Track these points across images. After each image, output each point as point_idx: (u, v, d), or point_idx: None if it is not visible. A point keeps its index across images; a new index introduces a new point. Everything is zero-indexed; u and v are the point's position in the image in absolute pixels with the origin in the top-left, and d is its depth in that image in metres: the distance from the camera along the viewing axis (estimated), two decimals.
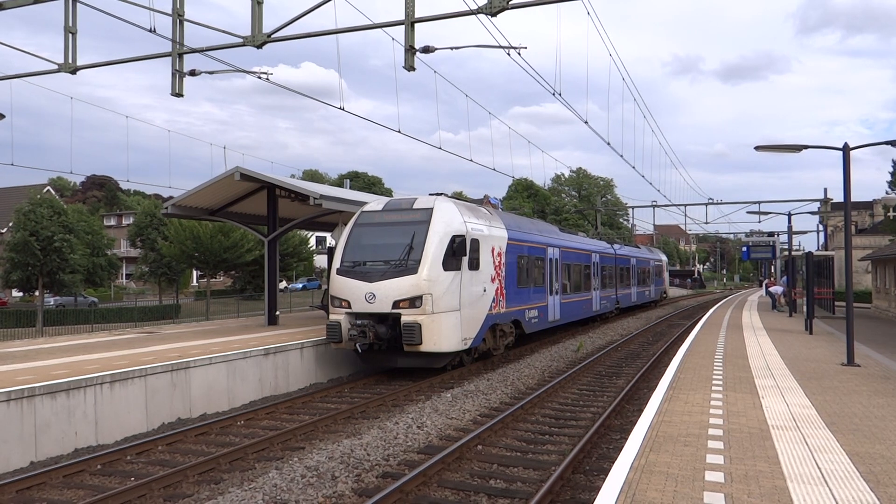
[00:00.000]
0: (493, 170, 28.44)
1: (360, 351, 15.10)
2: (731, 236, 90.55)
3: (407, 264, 14.97)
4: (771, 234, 57.99)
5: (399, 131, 16.78)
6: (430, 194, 17.09)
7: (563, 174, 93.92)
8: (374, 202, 17.25)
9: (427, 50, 11.90)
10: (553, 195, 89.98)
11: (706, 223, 50.35)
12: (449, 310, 15.06)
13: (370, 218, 16.43)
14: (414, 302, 14.69)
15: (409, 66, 11.67)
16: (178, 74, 12.92)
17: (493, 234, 17.62)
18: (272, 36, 12.23)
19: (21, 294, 52.51)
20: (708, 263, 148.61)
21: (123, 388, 11.51)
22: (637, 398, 13.82)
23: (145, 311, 43.33)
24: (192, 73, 13.07)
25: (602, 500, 5.50)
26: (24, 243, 39.13)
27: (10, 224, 45.41)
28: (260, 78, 13.09)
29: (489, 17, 11.22)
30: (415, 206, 16.13)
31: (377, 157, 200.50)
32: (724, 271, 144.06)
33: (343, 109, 14.79)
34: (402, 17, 11.72)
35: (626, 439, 7.71)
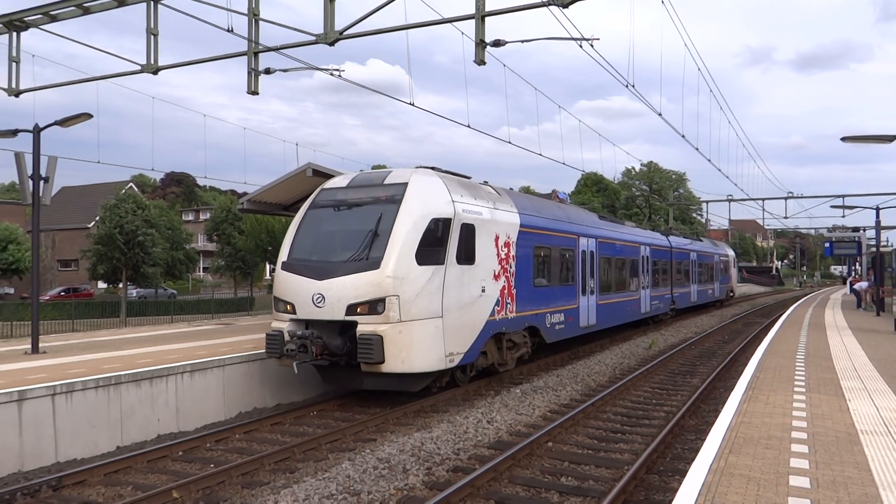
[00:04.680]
0: (563, 164, 27.94)
1: (296, 371, 11.99)
2: (812, 232, 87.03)
3: (368, 256, 11.55)
4: (856, 230, 55.38)
5: (468, 126, 16.75)
6: (419, 167, 13.67)
7: (633, 168, 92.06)
8: (341, 177, 13.63)
9: (497, 44, 11.81)
10: (623, 189, 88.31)
11: (785, 218, 48.49)
12: (425, 316, 11.60)
13: (331, 196, 13.00)
14: (375, 306, 11.25)
15: (480, 61, 11.62)
16: (253, 73, 13.24)
17: (497, 218, 14.02)
18: (344, 33, 12.38)
19: (106, 286, 55.07)
20: (786, 260, 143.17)
21: (203, 377, 11.91)
22: (713, 398, 13.43)
23: (221, 303, 44.84)
24: (267, 71, 13.36)
25: (680, 503, 5.35)
26: (109, 237, 40.93)
27: (97, 219, 47.62)
28: (332, 75, 13.28)
29: (561, 8, 11.05)
30: (387, 181, 12.60)
31: (443, 152, 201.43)
32: (804, 268, 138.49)
33: (413, 105, 14.86)
34: (471, 11, 11.67)
35: (703, 440, 7.48)
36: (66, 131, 15.14)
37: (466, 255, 12.67)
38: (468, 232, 12.76)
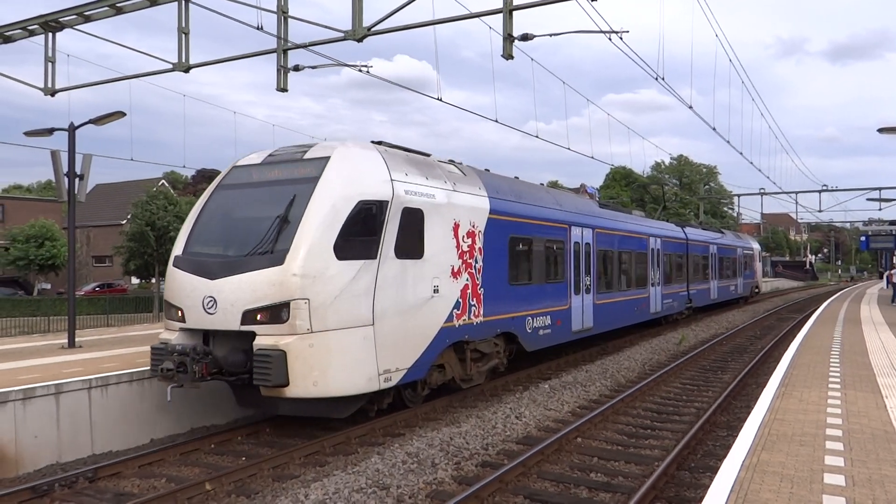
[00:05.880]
0: (592, 157, 27.73)
1: (168, 398, 9.74)
2: (847, 225, 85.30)
3: (273, 250, 9.36)
4: (893, 223, 54.17)
5: (496, 121, 16.71)
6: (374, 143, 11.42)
7: (662, 161, 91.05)
8: (258, 153, 11.32)
9: (526, 38, 11.77)
10: (653, 184, 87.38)
11: (819, 211, 47.64)
12: (347, 325, 9.39)
13: (242, 176, 10.88)
14: (277, 313, 9.06)
15: (508, 55, 11.58)
16: (283, 70, 13.35)
17: (457, 202, 11.75)
18: (372, 29, 12.42)
19: (139, 282, 55.98)
20: (820, 254, 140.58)
21: None
22: (744, 394, 13.25)
23: None
24: (296, 68, 13.47)
25: (711, 500, 5.29)
26: (141, 233, 41.58)
27: (129, 216, 48.45)
28: (360, 71, 13.34)
29: (589, 1, 10.97)
30: (307, 156, 10.38)
31: (469, 147, 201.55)
32: (839, 262, 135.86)
33: (441, 100, 14.86)
34: (499, 5, 11.64)
35: (735, 437, 7.40)
36: (100, 130, 15.44)
37: (411, 248, 10.45)
38: (414, 218, 10.54)
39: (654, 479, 7.74)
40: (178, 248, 10.35)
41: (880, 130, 13.45)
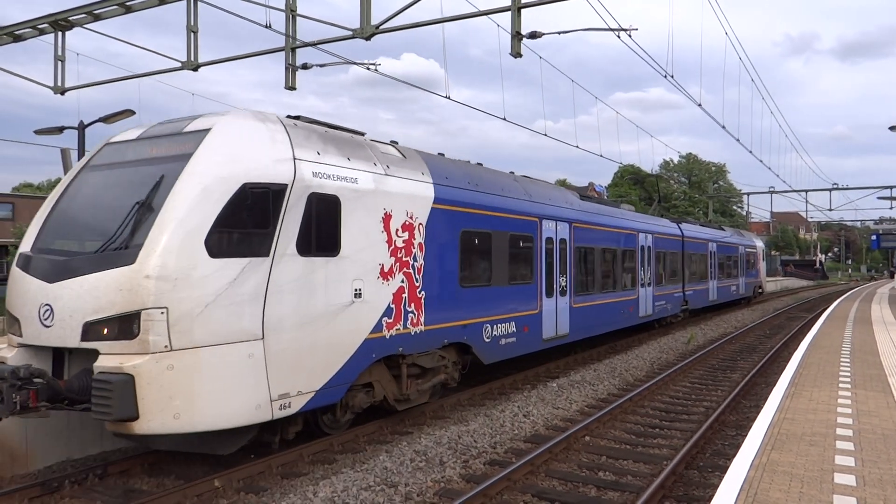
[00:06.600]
0: (600, 156, 27.72)
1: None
2: (858, 224, 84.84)
3: (128, 245, 7.45)
4: None
5: (504, 119, 16.69)
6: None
7: (671, 160, 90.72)
8: (135, 128, 9.33)
9: (534, 35, 11.74)
10: (662, 182, 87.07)
11: (830, 210, 47.37)
12: (224, 340, 7.49)
13: (114, 155, 8.85)
14: (125, 326, 7.17)
15: (516, 53, 11.56)
16: (291, 68, 13.37)
17: (390, 189, 9.89)
18: (380, 27, 12.42)
19: None
20: (831, 253, 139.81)
21: None
22: (754, 394, 13.19)
23: None
24: (305, 66, 13.48)
25: (721, 499, 5.27)
26: None
27: None
28: (368, 69, 13.34)
29: None
30: (187, 129, 8.42)
31: (477, 145, 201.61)
32: (850, 261, 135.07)
33: (449, 98, 14.85)
34: (508, 3, 11.61)
35: (744, 436, 7.37)
36: (109, 128, 15.52)
37: (321, 243, 8.64)
38: (326, 207, 8.73)
39: (662, 478, 7.71)
40: (25, 244, 8.37)
41: (892, 128, 13.36)
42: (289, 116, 9.43)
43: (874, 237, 51.93)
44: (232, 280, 7.57)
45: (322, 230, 8.65)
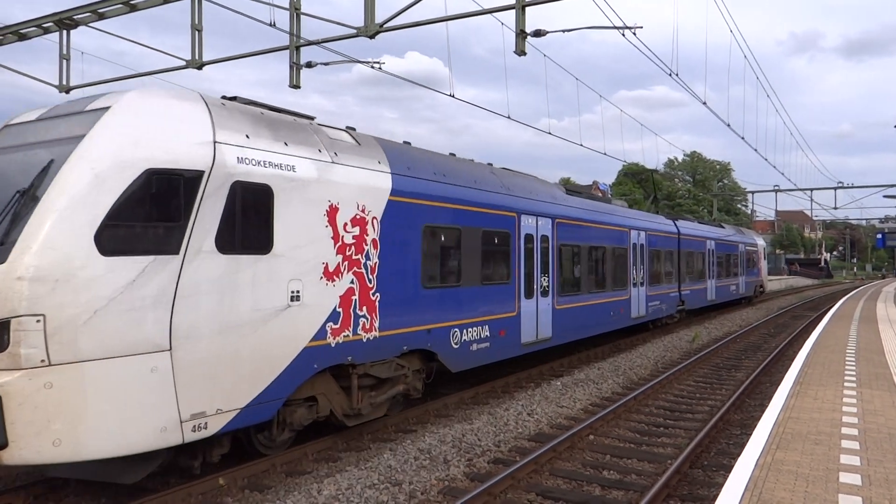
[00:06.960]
0: (604, 154, 27.73)
1: None
2: (863, 222, 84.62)
3: (4, 240, 6.51)
4: None
5: (508, 117, 16.67)
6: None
7: (676, 158, 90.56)
8: (40, 108, 8.18)
9: (539, 34, 11.72)
10: (666, 180, 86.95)
11: (835, 208, 47.30)
12: (119, 352, 6.51)
13: (10, 138, 7.84)
14: None
15: (520, 51, 11.54)
16: (295, 67, 13.37)
17: (334, 178, 8.83)
18: (384, 25, 12.41)
19: None
20: (836, 252, 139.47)
21: None
22: (758, 392, 13.17)
23: None
24: (309, 65, 13.49)
25: (726, 498, 5.26)
26: None
27: None
28: (372, 67, 13.35)
29: None
30: (89, 108, 7.39)
31: (481, 144, 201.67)
32: (855, 260, 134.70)
33: (453, 96, 14.84)
34: (512, 1, 11.59)
35: (749, 435, 7.36)
36: None
37: (248, 238, 7.64)
38: (255, 197, 7.71)
39: (667, 477, 7.70)
40: None
41: None
42: (223, 98, 8.51)
43: (879, 236, 51.80)
44: (130, 282, 6.58)
45: (249, 224, 7.63)
